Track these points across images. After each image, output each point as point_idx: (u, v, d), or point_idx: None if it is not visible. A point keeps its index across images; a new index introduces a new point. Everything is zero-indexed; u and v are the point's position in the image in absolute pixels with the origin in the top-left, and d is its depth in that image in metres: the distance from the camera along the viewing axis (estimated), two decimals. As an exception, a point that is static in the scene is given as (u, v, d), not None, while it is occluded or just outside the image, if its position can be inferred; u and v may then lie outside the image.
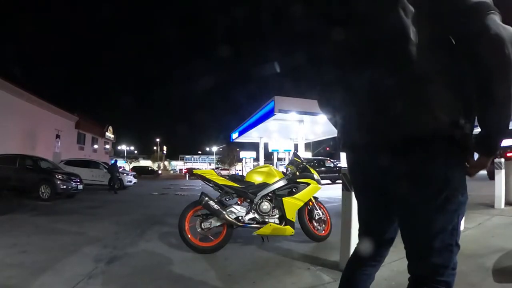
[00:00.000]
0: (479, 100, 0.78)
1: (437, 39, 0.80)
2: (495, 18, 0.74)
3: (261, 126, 17.99)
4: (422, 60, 0.79)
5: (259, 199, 2.99)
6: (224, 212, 2.86)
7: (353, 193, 2.07)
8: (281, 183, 3.09)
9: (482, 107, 0.79)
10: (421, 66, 0.79)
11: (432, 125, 0.78)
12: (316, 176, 3.22)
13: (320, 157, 18.64)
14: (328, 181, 14.67)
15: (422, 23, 0.80)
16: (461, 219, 0.89)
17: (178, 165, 76.60)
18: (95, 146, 30.25)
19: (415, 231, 0.91)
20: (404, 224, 0.94)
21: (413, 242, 0.92)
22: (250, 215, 2.95)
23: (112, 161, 13.27)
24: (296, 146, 19.43)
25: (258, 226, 2.92)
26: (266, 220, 2.94)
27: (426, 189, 0.84)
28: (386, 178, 0.91)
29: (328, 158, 17.16)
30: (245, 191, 3.03)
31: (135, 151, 70.86)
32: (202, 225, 2.91)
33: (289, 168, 3.43)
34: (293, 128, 17.88)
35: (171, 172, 62.57)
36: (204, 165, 72.24)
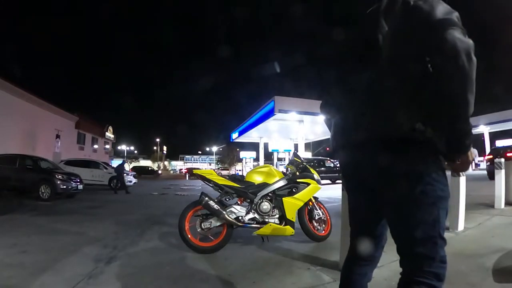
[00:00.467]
0: (442, 106, 0.88)
1: (408, 53, 0.90)
2: (454, 33, 0.83)
3: (261, 126, 18.01)
4: (391, 71, 0.91)
5: (259, 199, 2.98)
6: (224, 212, 2.86)
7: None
8: (281, 183, 3.09)
9: (444, 112, 0.88)
10: (390, 77, 0.91)
11: (393, 129, 0.90)
12: (316, 176, 3.22)
13: (320, 157, 18.63)
14: (328, 181, 14.66)
15: (395, 39, 0.92)
16: (444, 213, 0.95)
17: (178, 165, 76.54)
18: (95, 146, 30.25)
19: (397, 223, 0.98)
20: (388, 217, 1.02)
21: (398, 234, 0.99)
22: (250, 215, 2.95)
23: (120, 162, 13.16)
24: (296, 146, 19.44)
25: (258, 226, 2.91)
26: (266, 220, 2.94)
27: (401, 182, 0.92)
28: (367, 175, 1.02)
29: (328, 158, 17.13)
30: (245, 191, 3.03)
31: (135, 151, 70.85)
32: (202, 225, 2.91)
33: (289, 168, 3.43)
34: (293, 128, 17.90)
35: (171, 172, 62.56)
36: (204, 165, 72.18)
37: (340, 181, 2.66)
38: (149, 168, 39.61)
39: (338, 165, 1.21)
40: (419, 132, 0.88)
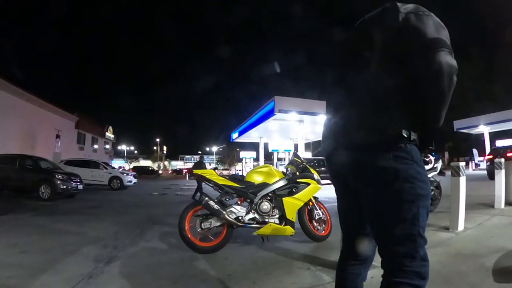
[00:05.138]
0: (422, 115, 0.95)
1: (394, 70, 0.95)
2: (442, 56, 0.87)
3: (261, 126, 17.98)
4: (379, 79, 0.96)
5: (259, 199, 2.98)
6: (224, 212, 2.86)
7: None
8: (281, 183, 3.09)
9: (423, 121, 0.96)
10: (377, 84, 0.96)
11: (380, 139, 0.94)
12: (316, 176, 3.22)
13: (320, 157, 18.63)
14: (328, 181, 14.63)
15: (384, 49, 0.96)
16: (425, 212, 0.96)
17: (178, 165, 76.45)
18: (95, 146, 30.25)
19: (377, 222, 1.00)
20: (369, 216, 1.03)
21: (378, 233, 1.01)
22: (250, 215, 2.95)
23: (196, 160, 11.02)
24: (296, 146, 19.42)
25: (258, 226, 2.91)
26: (266, 220, 2.94)
27: (380, 180, 0.95)
28: (349, 175, 1.05)
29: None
30: (245, 191, 3.03)
31: (135, 151, 70.79)
32: (202, 225, 2.91)
33: (289, 168, 3.43)
34: (293, 128, 17.87)
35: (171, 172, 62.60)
36: (204, 165, 72.00)
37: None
38: (149, 168, 39.61)
39: (326, 166, 1.28)
40: (405, 138, 0.93)
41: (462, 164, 3.54)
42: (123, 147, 59.73)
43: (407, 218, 0.93)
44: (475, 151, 24.37)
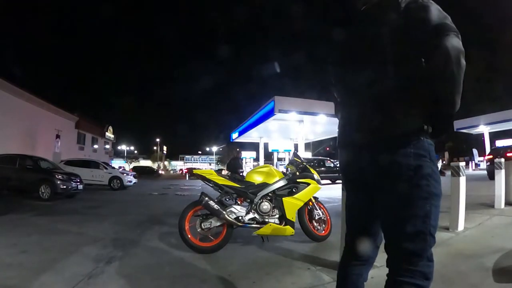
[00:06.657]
0: (437, 101, 0.95)
1: (408, 61, 0.96)
2: (448, 39, 0.89)
3: (261, 126, 17.97)
4: (393, 71, 0.96)
5: (259, 199, 2.98)
6: (224, 212, 2.86)
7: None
8: (281, 183, 3.09)
9: (439, 108, 0.96)
10: (392, 77, 0.96)
11: (400, 130, 0.95)
12: (316, 176, 3.21)
13: (320, 157, 18.63)
14: (328, 181, 14.66)
15: (391, 39, 0.96)
16: (437, 212, 0.96)
17: (178, 165, 76.48)
18: (95, 146, 30.26)
19: (389, 217, 0.99)
20: (381, 212, 1.02)
21: (388, 229, 1.01)
22: (250, 215, 2.95)
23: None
24: (296, 146, 19.41)
25: (258, 226, 2.91)
26: (266, 220, 2.94)
27: (397, 175, 0.95)
28: (366, 172, 1.04)
29: (328, 158, 17.13)
30: (245, 191, 3.03)
31: (135, 151, 70.77)
32: (202, 225, 2.91)
33: (289, 168, 3.42)
34: (293, 128, 17.86)
35: (171, 172, 62.64)
36: (204, 165, 72.09)
37: (340, 181, 2.66)
38: (147, 168, 39.57)
39: (338, 163, 1.28)
40: (425, 131, 0.94)
41: (462, 164, 3.54)
42: (123, 147, 59.72)
43: (420, 215, 0.93)
44: (475, 151, 24.36)
